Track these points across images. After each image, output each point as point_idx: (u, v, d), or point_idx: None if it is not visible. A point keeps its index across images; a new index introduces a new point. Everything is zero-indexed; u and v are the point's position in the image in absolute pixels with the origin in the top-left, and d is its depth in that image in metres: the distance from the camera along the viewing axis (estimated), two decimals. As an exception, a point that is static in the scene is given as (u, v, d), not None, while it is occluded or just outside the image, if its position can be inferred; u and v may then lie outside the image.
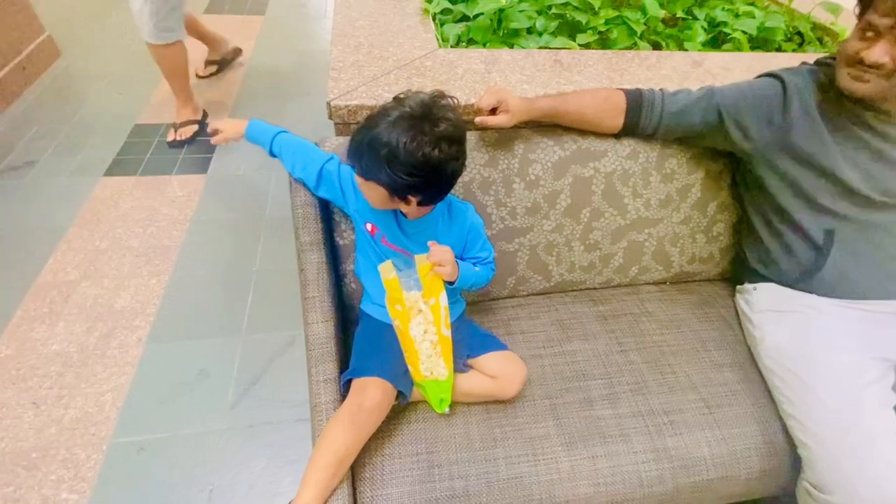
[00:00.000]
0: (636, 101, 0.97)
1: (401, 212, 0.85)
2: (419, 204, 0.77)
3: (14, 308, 1.42)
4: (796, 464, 0.86)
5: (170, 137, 2.07)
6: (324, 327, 0.86)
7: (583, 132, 1.01)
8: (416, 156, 0.69)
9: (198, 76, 2.47)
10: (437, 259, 0.79)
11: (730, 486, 0.86)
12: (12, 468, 1.10)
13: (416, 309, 0.81)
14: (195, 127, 2.12)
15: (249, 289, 1.54)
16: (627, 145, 1.02)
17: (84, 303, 1.46)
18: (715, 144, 1.00)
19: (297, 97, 2.44)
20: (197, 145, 2.09)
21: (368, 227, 0.87)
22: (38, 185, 1.84)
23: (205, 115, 2.20)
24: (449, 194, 0.84)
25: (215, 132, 0.94)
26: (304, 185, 0.91)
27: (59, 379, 1.27)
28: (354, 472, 0.79)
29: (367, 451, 0.80)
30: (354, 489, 0.77)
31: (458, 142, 0.74)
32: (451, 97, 0.76)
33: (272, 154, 0.92)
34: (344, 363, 0.88)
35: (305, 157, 0.89)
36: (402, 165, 0.70)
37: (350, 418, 0.74)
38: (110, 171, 1.92)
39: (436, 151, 0.70)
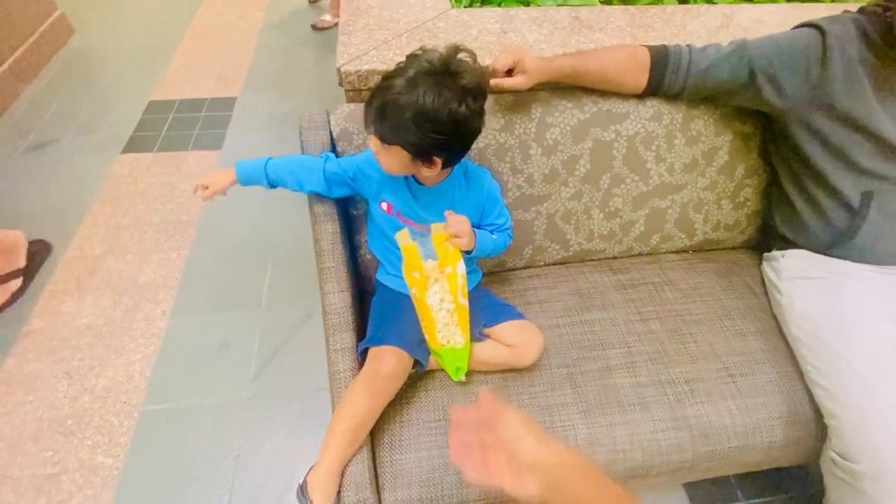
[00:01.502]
0: (661, 58, 0.91)
1: (416, 182, 0.83)
2: (443, 166, 0.75)
3: (44, 283, 1.47)
4: (821, 433, 0.84)
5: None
6: (340, 297, 0.86)
7: (604, 93, 0.96)
8: (443, 112, 0.67)
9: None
10: (455, 230, 0.77)
11: (751, 454, 0.85)
12: (51, 434, 1.16)
13: (433, 277, 0.80)
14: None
15: (268, 263, 1.56)
16: (651, 106, 0.97)
17: (109, 277, 1.50)
18: (746, 103, 0.94)
19: (307, 70, 2.40)
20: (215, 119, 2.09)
21: (384, 206, 0.85)
22: (60, 163, 1.87)
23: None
24: (465, 160, 0.81)
25: (204, 188, 0.88)
26: (320, 195, 0.89)
27: (90, 350, 1.32)
28: (374, 438, 0.80)
29: (385, 418, 0.81)
30: (374, 454, 0.79)
31: (482, 95, 0.72)
32: (468, 50, 0.72)
33: (272, 186, 0.87)
34: (361, 332, 0.88)
35: (304, 172, 0.86)
36: (429, 123, 0.67)
37: (367, 386, 0.75)
38: (128, 148, 1.94)
39: (462, 107, 0.68)
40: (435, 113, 0.67)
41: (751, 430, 0.84)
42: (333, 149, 0.92)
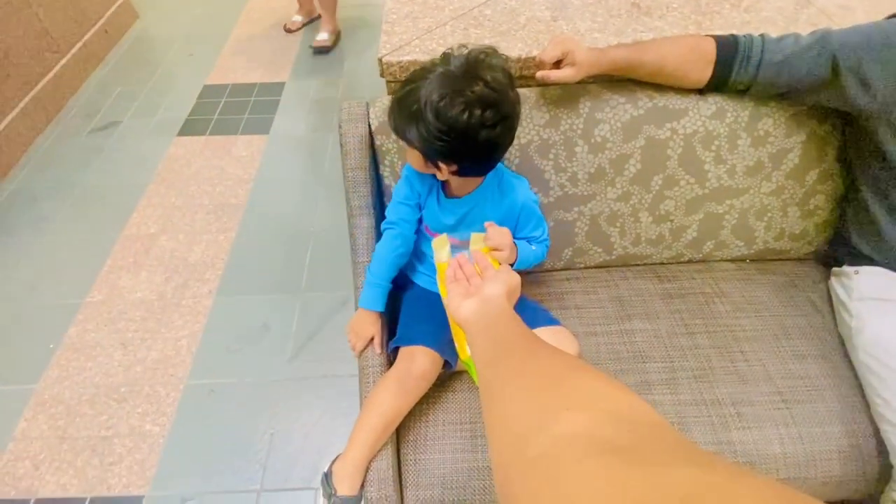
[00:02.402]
0: (728, 50, 0.83)
1: (443, 189, 0.81)
2: (456, 174, 0.72)
3: (105, 258, 1.58)
4: (884, 474, 0.76)
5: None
6: (372, 292, 0.85)
7: (661, 88, 0.89)
8: (444, 116, 0.63)
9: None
10: (495, 243, 0.73)
11: (803, 487, 0.78)
12: (106, 400, 1.25)
13: None
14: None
15: (308, 248, 1.59)
16: (713, 103, 0.89)
17: (162, 255, 1.58)
18: (826, 101, 0.84)
19: (352, 56, 2.41)
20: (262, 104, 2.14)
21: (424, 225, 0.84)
22: (121, 145, 1.98)
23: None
24: (502, 166, 0.78)
25: (364, 345, 0.85)
26: (358, 188, 0.89)
27: (143, 323, 1.41)
28: (399, 436, 0.80)
29: (411, 416, 0.81)
30: (398, 451, 0.79)
31: (494, 106, 0.65)
32: (502, 56, 0.68)
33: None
34: (391, 326, 0.88)
35: (394, 251, 0.82)
36: (427, 125, 0.65)
37: (398, 385, 0.75)
38: (183, 131, 2.03)
39: (465, 115, 0.63)
40: (436, 115, 0.64)
41: (804, 462, 0.77)
42: (372, 142, 0.91)
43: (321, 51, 2.41)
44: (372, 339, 0.83)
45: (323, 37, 2.42)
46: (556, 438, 0.26)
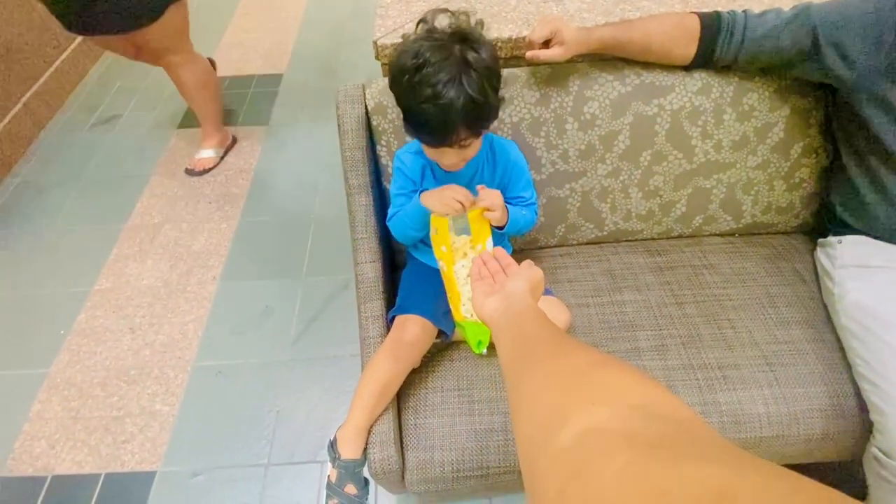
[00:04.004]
0: (712, 26, 0.86)
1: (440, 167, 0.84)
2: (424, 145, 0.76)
3: (111, 247, 1.61)
4: (865, 430, 0.79)
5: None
6: (371, 267, 0.89)
7: (647, 65, 0.92)
8: (394, 59, 0.69)
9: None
10: (488, 203, 0.77)
11: (786, 445, 0.82)
12: (116, 382, 1.29)
13: (462, 252, 0.81)
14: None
15: (309, 234, 1.62)
16: (699, 79, 0.92)
17: (167, 243, 1.62)
18: (807, 75, 0.87)
19: (352, 47, 2.42)
20: (261, 96, 2.16)
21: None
22: (122, 138, 2.01)
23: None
24: (491, 134, 0.81)
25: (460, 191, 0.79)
26: (356, 167, 0.92)
27: (150, 309, 1.45)
28: (400, 402, 0.84)
29: (411, 384, 0.84)
30: (399, 417, 0.82)
31: (436, 60, 0.66)
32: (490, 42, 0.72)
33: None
34: (391, 302, 0.91)
35: (409, 215, 0.83)
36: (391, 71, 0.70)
37: (391, 351, 0.78)
38: (183, 124, 2.05)
39: (412, 61, 0.67)
40: (394, 57, 0.69)
41: (787, 420, 0.81)
42: (368, 123, 0.93)
43: (197, 173, 1.79)
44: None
45: (206, 154, 1.80)
46: (584, 433, 0.25)
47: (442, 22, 0.71)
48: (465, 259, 0.82)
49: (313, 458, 1.15)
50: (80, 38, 2.20)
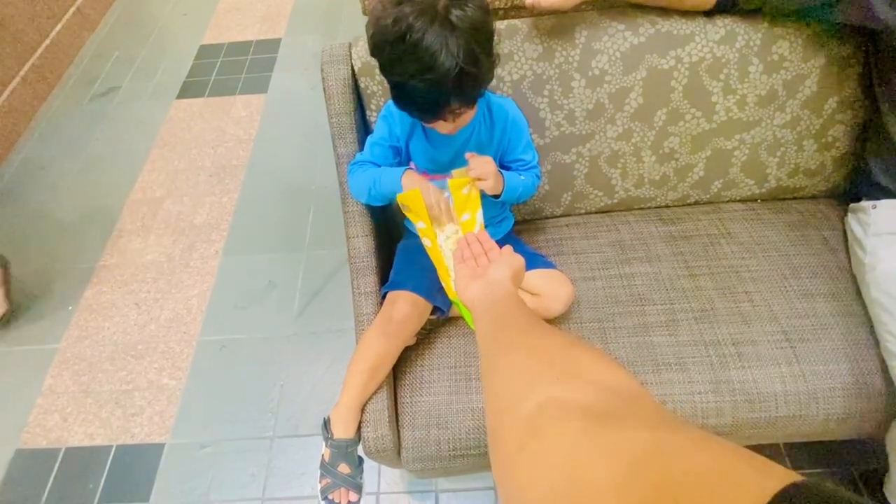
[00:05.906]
0: (739, -37, 0.75)
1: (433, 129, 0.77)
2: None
3: (114, 222, 1.60)
4: (891, 408, 0.74)
5: None
6: (363, 241, 0.85)
7: (664, 12, 0.82)
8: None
9: None
10: (478, 173, 0.71)
11: (803, 425, 0.77)
12: (124, 357, 1.31)
13: (445, 222, 0.76)
14: None
15: (310, 206, 1.58)
16: (722, 26, 0.82)
17: (169, 218, 1.60)
18: (848, 17, 0.76)
19: (351, 8, 2.30)
20: (258, 62, 2.08)
21: (412, 166, 0.81)
22: (122, 110, 1.97)
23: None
24: (488, 93, 0.74)
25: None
26: (343, 134, 0.87)
27: (155, 284, 1.45)
28: (396, 380, 0.81)
29: (407, 361, 0.82)
30: (395, 395, 0.80)
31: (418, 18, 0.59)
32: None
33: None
34: (388, 277, 0.87)
35: (378, 171, 0.79)
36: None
37: (381, 329, 0.75)
38: (182, 94, 2.00)
39: (391, 21, 0.60)
40: (372, 19, 0.62)
41: (805, 399, 0.76)
42: (356, 86, 0.87)
43: None
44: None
45: None
46: (545, 402, 0.29)
47: None
48: (448, 229, 0.76)
49: (318, 431, 1.15)
50: (73, 8, 2.13)
